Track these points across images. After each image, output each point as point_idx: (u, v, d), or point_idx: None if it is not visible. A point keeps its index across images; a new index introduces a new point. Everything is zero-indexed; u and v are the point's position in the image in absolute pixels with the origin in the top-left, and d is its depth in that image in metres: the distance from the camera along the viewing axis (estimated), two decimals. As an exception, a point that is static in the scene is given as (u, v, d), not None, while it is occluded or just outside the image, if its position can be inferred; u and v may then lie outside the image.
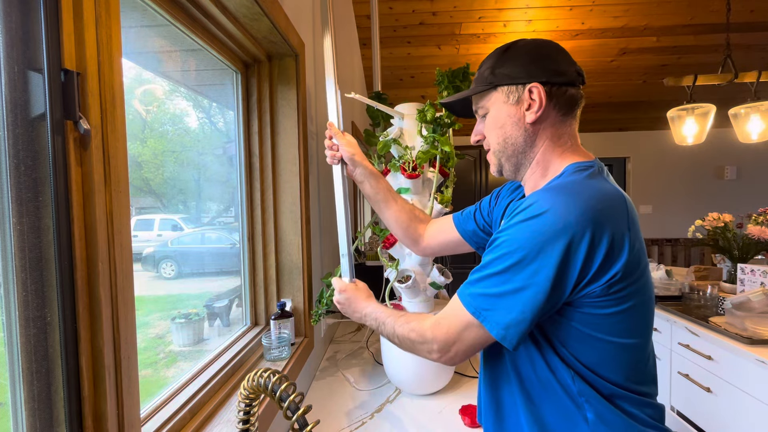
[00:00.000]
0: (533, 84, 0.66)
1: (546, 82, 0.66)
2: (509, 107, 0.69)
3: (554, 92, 0.66)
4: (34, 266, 0.43)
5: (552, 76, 0.66)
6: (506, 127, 0.70)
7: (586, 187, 0.60)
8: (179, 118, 0.93)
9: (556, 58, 0.68)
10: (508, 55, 0.70)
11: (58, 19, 0.43)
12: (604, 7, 2.60)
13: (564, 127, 0.69)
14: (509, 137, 0.70)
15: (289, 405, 0.54)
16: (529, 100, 0.67)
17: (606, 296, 0.59)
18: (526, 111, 0.67)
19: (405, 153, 1.15)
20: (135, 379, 0.53)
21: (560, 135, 0.68)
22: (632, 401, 0.62)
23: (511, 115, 0.69)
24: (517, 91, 0.68)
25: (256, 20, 0.94)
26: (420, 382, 1.13)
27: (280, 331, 1.06)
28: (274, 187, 1.16)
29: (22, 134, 0.42)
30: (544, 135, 0.69)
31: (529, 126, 0.68)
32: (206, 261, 1.11)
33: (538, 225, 0.57)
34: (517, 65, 0.68)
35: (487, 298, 0.61)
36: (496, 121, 0.72)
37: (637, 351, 0.63)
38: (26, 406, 0.43)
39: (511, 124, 0.70)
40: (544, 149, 0.69)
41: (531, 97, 0.67)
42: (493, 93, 0.71)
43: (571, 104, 0.68)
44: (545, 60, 0.67)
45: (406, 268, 1.15)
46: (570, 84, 0.67)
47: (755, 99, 2.19)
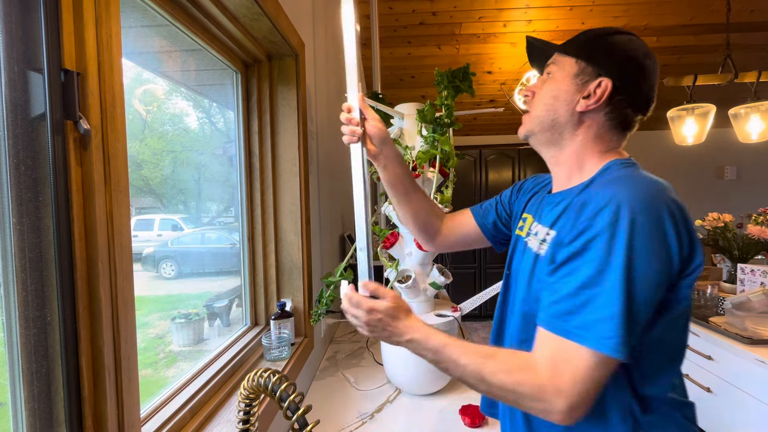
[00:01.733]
0: (607, 78, 0.64)
1: (619, 87, 0.64)
2: (572, 83, 0.67)
3: (616, 100, 0.65)
4: (34, 266, 0.43)
5: (628, 87, 0.64)
6: (558, 100, 0.68)
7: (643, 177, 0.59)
8: (179, 118, 0.93)
9: (647, 77, 0.65)
10: (613, 40, 0.67)
11: (58, 19, 0.43)
12: (604, 7, 2.60)
13: (608, 134, 0.66)
14: (556, 110, 0.68)
15: (289, 405, 0.54)
16: (591, 91, 0.65)
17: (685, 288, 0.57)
18: (583, 98, 0.65)
19: (405, 153, 1.15)
20: (135, 379, 0.52)
21: (602, 139, 0.67)
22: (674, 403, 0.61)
23: (568, 91, 0.67)
24: (590, 74, 0.65)
25: (256, 20, 0.94)
26: (420, 382, 1.13)
27: (280, 331, 1.06)
28: (274, 187, 1.16)
29: (22, 134, 0.42)
30: (588, 131, 0.67)
31: (576, 112, 0.66)
32: (206, 261, 1.11)
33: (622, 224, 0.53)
34: (612, 53, 0.66)
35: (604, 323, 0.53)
36: (553, 89, 0.69)
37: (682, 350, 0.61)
38: (26, 406, 0.43)
39: (564, 99, 0.67)
40: (582, 143, 0.67)
41: (597, 88, 0.64)
42: (569, 59, 0.68)
43: (622, 122, 0.66)
44: (638, 70, 0.65)
45: (406, 268, 1.15)
46: (634, 105, 0.65)
47: (755, 99, 2.19)
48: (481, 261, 4.45)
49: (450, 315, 1.15)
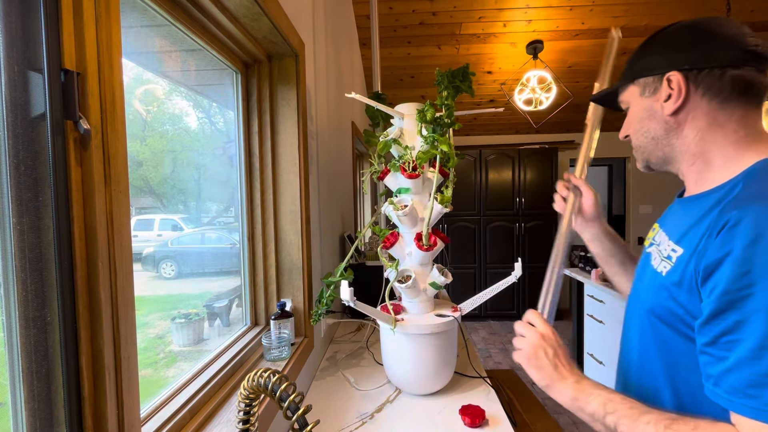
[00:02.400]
0: (671, 72, 0.61)
1: (690, 68, 0.59)
2: (645, 100, 0.66)
3: (702, 78, 0.59)
4: (34, 266, 0.43)
5: (697, 62, 0.59)
6: (644, 121, 0.66)
7: None
8: (179, 118, 0.93)
9: (707, 41, 0.59)
10: (649, 44, 0.66)
11: (58, 19, 0.43)
12: (604, 7, 2.60)
13: (725, 115, 0.59)
14: (648, 131, 0.66)
15: (289, 405, 0.54)
16: (668, 90, 0.61)
17: None
18: (665, 102, 0.62)
19: (405, 153, 1.15)
20: (135, 379, 0.52)
21: (721, 124, 0.59)
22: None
23: (647, 108, 0.65)
24: (654, 82, 0.64)
25: (256, 20, 0.94)
26: (420, 382, 1.13)
27: (280, 331, 1.06)
28: (274, 187, 1.16)
29: (22, 134, 0.42)
30: (694, 125, 0.61)
31: (669, 118, 0.63)
32: (206, 261, 1.11)
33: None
34: (655, 54, 0.64)
35: None
36: (635, 115, 0.68)
37: None
38: (26, 406, 0.43)
39: (648, 117, 0.65)
40: (699, 140, 0.61)
41: (670, 86, 0.61)
42: (630, 86, 0.68)
43: (736, 88, 0.58)
44: (691, 44, 0.60)
45: (406, 268, 1.15)
46: (730, 65, 0.57)
47: (755, 99, 2.18)
48: (481, 261, 4.45)
49: (450, 315, 1.15)
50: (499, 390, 1.19)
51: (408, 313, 1.18)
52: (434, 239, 1.13)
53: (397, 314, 1.16)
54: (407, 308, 1.19)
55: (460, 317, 1.16)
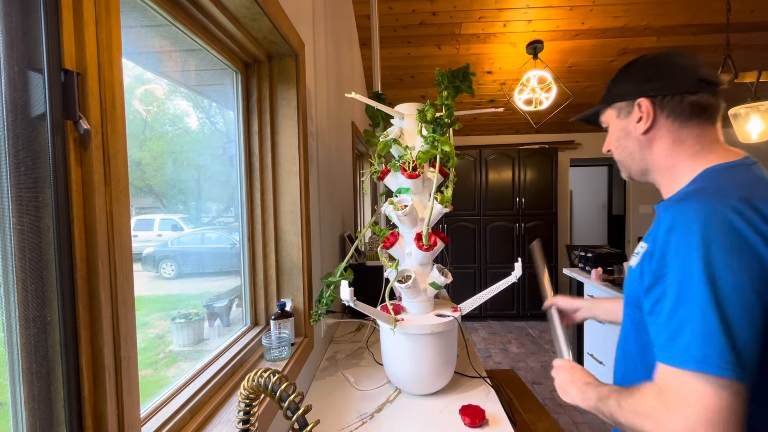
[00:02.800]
0: (641, 99, 0.73)
1: (655, 94, 0.72)
2: (621, 121, 0.78)
3: (666, 103, 0.71)
4: (34, 266, 0.43)
5: (661, 90, 0.71)
6: (621, 140, 0.79)
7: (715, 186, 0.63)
8: (179, 118, 0.93)
9: (668, 72, 0.72)
10: (623, 74, 0.78)
11: (58, 19, 0.43)
12: (604, 7, 2.60)
13: (686, 133, 0.71)
14: (626, 148, 0.79)
15: (289, 405, 0.54)
16: (639, 113, 0.74)
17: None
18: (637, 123, 0.74)
19: (405, 153, 1.15)
20: (135, 379, 0.52)
21: (683, 140, 0.71)
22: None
23: (623, 128, 0.78)
24: (627, 106, 0.76)
25: (256, 20, 0.94)
26: (420, 382, 1.13)
27: (280, 331, 1.06)
28: (274, 187, 1.16)
29: (22, 134, 0.42)
30: (662, 142, 0.73)
31: (641, 136, 0.75)
32: (206, 261, 1.11)
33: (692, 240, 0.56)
34: (628, 83, 0.76)
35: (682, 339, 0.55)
36: (614, 134, 0.81)
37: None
38: (26, 406, 0.43)
39: (624, 136, 0.78)
40: (665, 155, 0.73)
41: (640, 110, 0.74)
42: (608, 109, 0.81)
43: (694, 111, 0.70)
44: (657, 76, 0.73)
45: (406, 268, 1.15)
46: (688, 91, 0.70)
47: (755, 99, 2.18)
48: (481, 261, 4.45)
49: (450, 315, 1.15)
50: (499, 390, 1.19)
51: (408, 313, 1.18)
52: (434, 239, 1.13)
53: (397, 314, 1.16)
54: (407, 308, 1.19)
55: (460, 317, 1.16)
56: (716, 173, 0.66)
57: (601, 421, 2.44)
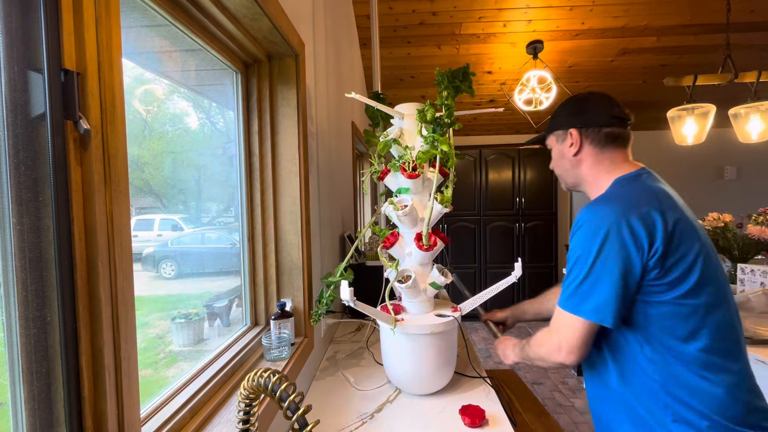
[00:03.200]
0: (571, 129, 0.98)
1: (581, 126, 0.97)
2: (558, 145, 1.03)
3: (588, 133, 0.96)
4: (34, 266, 0.43)
5: (586, 123, 0.96)
6: (559, 160, 1.04)
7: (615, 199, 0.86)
8: (179, 119, 0.93)
9: (592, 110, 0.97)
10: (560, 109, 1.03)
11: (58, 19, 0.43)
12: (604, 7, 2.60)
13: (603, 156, 0.96)
14: (562, 165, 1.04)
15: (289, 405, 0.54)
16: (570, 140, 0.99)
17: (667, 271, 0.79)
18: (569, 147, 0.99)
19: (405, 153, 1.15)
20: (135, 379, 0.53)
21: (600, 161, 0.96)
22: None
23: (560, 151, 1.03)
24: (563, 134, 1.01)
25: (256, 20, 0.94)
26: (420, 382, 1.13)
27: (280, 331, 1.06)
28: (274, 187, 1.16)
29: (22, 134, 0.42)
30: (586, 163, 0.98)
31: (573, 158, 1.00)
32: (206, 261, 1.11)
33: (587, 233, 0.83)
34: (563, 116, 1.01)
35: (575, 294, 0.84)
36: (554, 155, 1.06)
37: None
38: (26, 406, 0.43)
39: (561, 157, 1.03)
40: (589, 172, 0.98)
41: (571, 138, 0.98)
42: (550, 136, 1.06)
43: (608, 139, 0.95)
44: (582, 112, 0.98)
45: (406, 268, 1.15)
46: (603, 125, 0.95)
47: (755, 99, 2.18)
48: (481, 261, 4.45)
49: (450, 315, 1.15)
50: (499, 390, 1.19)
51: (408, 313, 1.18)
52: (434, 239, 1.13)
53: (397, 314, 1.16)
54: (407, 308, 1.19)
55: (460, 317, 1.16)
56: (621, 182, 0.91)
57: (601, 421, 2.44)
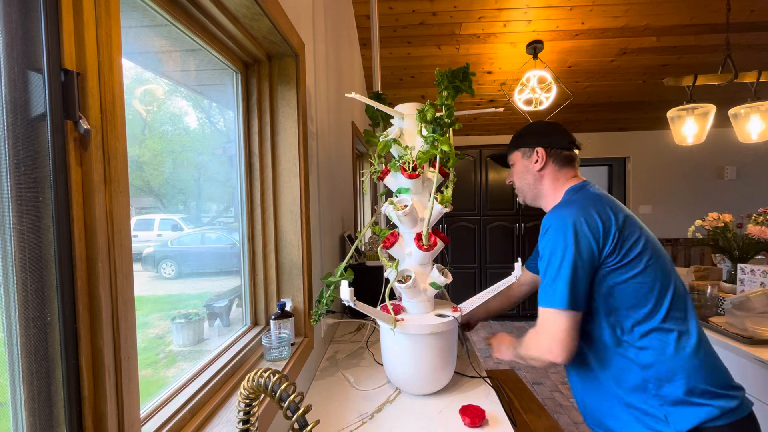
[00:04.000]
0: (538, 148, 1.11)
1: (547, 146, 1.10)
2: (524, 161, 1.14)
3: (552, 153, 1.11)
4: (34, 266, 0.43)
5: (550, 144, 1.11)
6: (523, 173, 1.15)
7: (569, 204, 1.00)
8: (179, 118, 0.93)
9: (555, 135, 1.12)
10: (526, 131, 1.15)
11: (58, 19, 0.43)
12: (604, 7, 2.60)
13: (561, 173, 1.11)
14: (525, 179, 1.15)
15: (289, 405, 0.54)
16: (536, 157, 1.11)
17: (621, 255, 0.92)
18: (534, 163, 1.12)
19: (405, 153, 1.15)
20: (135, 379, 0.53)
21: (558, 178, 1.11)
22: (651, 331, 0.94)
23: (525, 166, 1.14)
24: (530, 151, 1.13)
25: (256, 20, 0.94)
26: (420, 382, 1.13)
27: (280, 331, 1.06)
28: (274, 187, 1.16)
29: (22, 134, 0.42)
30: (547, 177, 1.11)
31: (536, 172, 1.12)
32: (206, 261, 1.11)
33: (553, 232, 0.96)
34: (530, 137, 1.14)
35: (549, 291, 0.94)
36: (518, 169, 1.17)
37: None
38: (26, 406, 0.43)
39: (525, 171, 1.14)
40: (548, 185, 1.12)
41: (537, 155, 1.11)
42: (516, 152, 1.17)
43: (566, 160, 1.11)
44: (548, 135, 1.12)
45: (406, 268, 1.15)
46: (564, 148, 1.10)
47: (755, 99, 2.18)
48: (481, 261, 4.45)
49: (450, 315, 1.15)
50: (499, 390, 1.19)
51: (408, 313, 1.18)
52: (434, 239, 1.13)
53: (397, 314, 1.16)
54: (407, 308, 1.19)
55: (460, 317, 1.16)
56: (573, 190, 1.06)
57: (601, 421, 2.44)
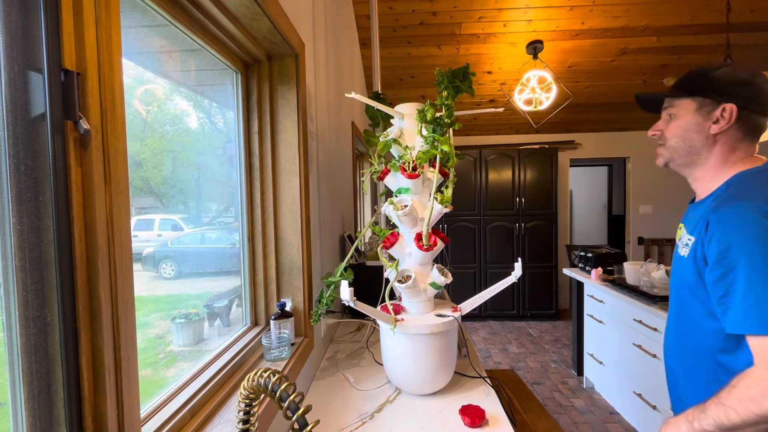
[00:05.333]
0: (729, 104, 0.80)
1: (742, 106, 0.80)
2: (697, 116, 0.84)
3: (744, 116, 0.80)
4: (34, 266, 0.43)
5: (749, 103, 0.80)
6: (690, 131, 0.85)
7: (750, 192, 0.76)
8: (179, 118, 0.93)
9: (761, 90, 0.80)
10: (718, 73, 0.83)
11: (58, 19, 0.43)
12: (604, 7, 2.60)
13: (741, 144, 0.83)
14: (689, 140, 0.85)
15: (289, 405, 0.54)
16: (719, 116, 0.81)
17: None
18: (713, 124, 0.82)
19: (405, 153, 1.15)
20: (135, 379, 0.53)
21: (735, 150, 0.83)
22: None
23: (697, 123, 0.84)
24: (711, 104, 0.82)
25: (256, 20, 0.94)
26: (420, 382, 1.13)
27: (280, 331, 1.06)
28: (274, 187, 1.16)
29: (22, 134, 0.42)
30: (723, 147, 0.83)
31: (711, 135, 0.83)
32: (206, 261, 1.11)
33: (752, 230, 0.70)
34: (721, 83, 0.82)
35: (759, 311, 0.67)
36: (681, 125, 0.86)
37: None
38: (26, 406, 0.43)
39: (696, 129, 0.84)
40: (717, 156, 0.84)
41: (722, 114, 0.81)
42: (686, 100, 0.85)
43: (754, 130, 0.82)
44: (750, 87, 0.80)
45: (406, 268, 1.15)
46: (760, 113, 0.81)
47: (755, 99, 2.18)
48: (481, 261, 4.45)
49: (450, 315, 1.15)
50: (499, 390, 1.19)
51: (408, 313, 1.18)
52: (434, 239, 1.13)
53: (397, 314, 1.16)
54: (407, 308, 1.19)
55: (460, 317, 1.16)
56: (746, 177, 0.79)
57: (600, 420, 2.44)
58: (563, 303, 4.83)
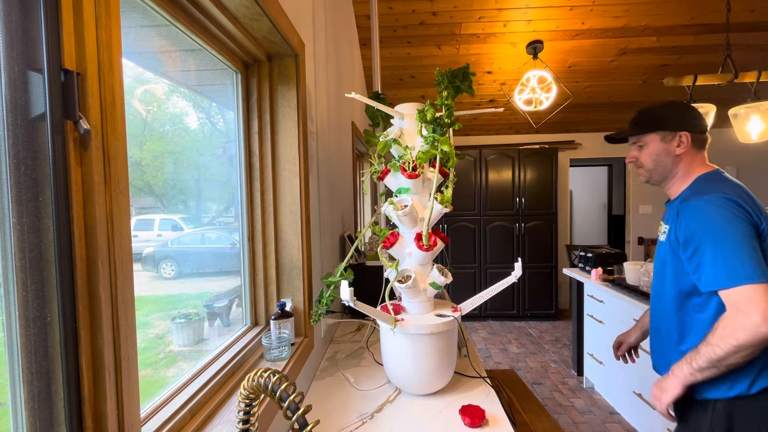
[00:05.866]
0: (683, 132, 1.12)
1: (691, 131, 1.12)
2: (662, 144, 1.14)
3: (695, 137, 1.12)
4: (34, 266, 0.43)
5: (694, 129, 1.12)
6: (660, 155, 1.15)
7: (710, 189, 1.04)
8: (179, 119, 0.93)
9: (697, 119, 1.13)
10: (666, 112, 1.14)
11: (58, 19, 0.43)
12: (604, 7, 2.60)
13: (696, 156, 1.13)
14: (661, 162, 1.15)
15: (289, 405, 0.54)
16: (679, 141, 1.12)
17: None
18: (677, 147, 1.12)
19: (405, 153, 1.15)
20: (135, 379, 0.53)
21: (694, 159, 1.13)
22: None
23: (664, 149, 1.14)
24: (670, 135, 1.13)
25: (256, 20, 0.94)
26: (420, 382, 1.13)
27: (280, 331, 1.06)
28: (274, 187, 1.16)
29: (22, 134, 0.42)
30: (685, 161, 1.13)
31: (676, 156, 1.13)
32: (206, 261, 1.11)
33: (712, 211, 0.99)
34: (671, 120, 1.13)
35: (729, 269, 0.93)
36: (652, 152, 1.16)
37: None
38: (26, 406, 0.43)
39: (663, 153, 1.15)
40: (684, 169, 1.14)
41: (680, 139, 1.12)
42: (651, 134, 1.16)
43: (702, 144, 1.14)
44: (691, 119, 1.13)
45: (406, 268, 1.15)
46: (701, 132, 1.13)
47: (755, 99, 2.18)
48: (481, 261, 4.45)
49: (450, 315, 1.15)
50: (499, 390, 1.19)
51: (408, 313, 1.18)
52: (434, 239, 1.13)
53: (397, 314, 1.16)
54: (407, 308, 1.19)
55: (460, 317, 1.16)
56: (704, 179, 1.10)
57: (600, 420, 2.44)
58: (563, 303, 4.83)
